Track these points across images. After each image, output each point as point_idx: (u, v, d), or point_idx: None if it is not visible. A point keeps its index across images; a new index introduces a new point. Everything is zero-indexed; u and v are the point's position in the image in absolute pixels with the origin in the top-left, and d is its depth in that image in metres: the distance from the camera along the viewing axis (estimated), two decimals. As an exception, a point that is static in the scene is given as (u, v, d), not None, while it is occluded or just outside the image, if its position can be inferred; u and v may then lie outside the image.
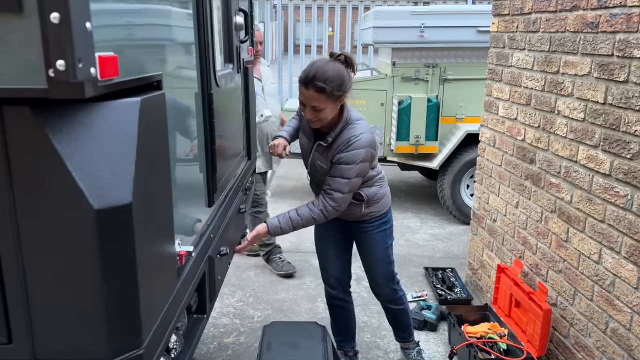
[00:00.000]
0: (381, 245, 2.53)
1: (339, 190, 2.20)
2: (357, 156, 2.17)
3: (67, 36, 0.77)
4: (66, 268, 0.95)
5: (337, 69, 2.12)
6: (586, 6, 2.30)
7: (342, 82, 2.10)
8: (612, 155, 2.14)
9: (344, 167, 2.18)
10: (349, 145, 2.17)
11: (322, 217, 2.23)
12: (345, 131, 2.21)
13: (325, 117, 2.16)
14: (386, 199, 2.50)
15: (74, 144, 0.92)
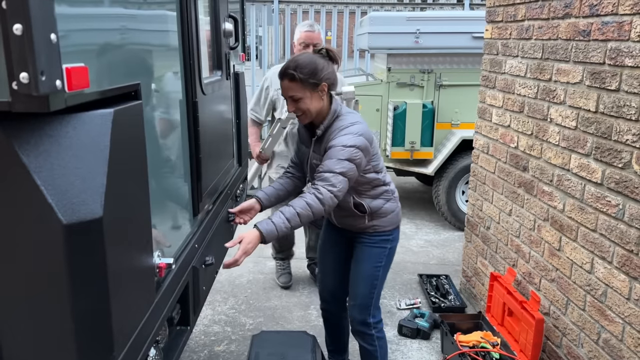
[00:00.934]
0: (371, 262, 2.33)
1: (329, 170, 2.02)
2: (347, 140, 2.06)
3: (29, 48, 0.74)
4: (34, 283, 0.92)
5: (309, 58, 2.09)
6: (578, 14, 2.28)
7: (314, 69, 2.06)
8: (603, 164, 2.12)
9: (333, 149, 2.05)
10: (340, 132, 2.10)
11: (316, 201, 1.97)
12: (335, 122, 2.15)
13: (305, 108, 2.09)
14: (394, 216, 2.34)
15: (42, 156, 0.89)
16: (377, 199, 2.29)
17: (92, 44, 1.02)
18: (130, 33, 1.23)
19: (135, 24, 1.27)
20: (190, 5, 1.61)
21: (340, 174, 2.02)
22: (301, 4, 7.47)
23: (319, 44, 3.22)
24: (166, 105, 1.50)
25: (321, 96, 2.11)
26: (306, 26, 3.30)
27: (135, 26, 1.27)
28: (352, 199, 2.25)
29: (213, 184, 1.95)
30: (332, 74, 2.13)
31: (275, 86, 3.39)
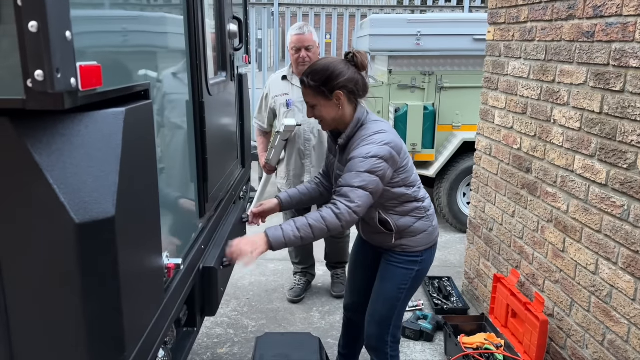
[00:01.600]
0: (395, 283, 2.17)
1: (348, 185, 1.89)
2: (369, 150, 1.92)
3: (45, 45, 0.74)
4: (46, 283, 0.92)
5: (326, 64, 1.98)
6: (582, 15, 2.29)
7: (328, 76, 1.95)
8: (608, 165, 2.12)
9: (354, 161, 1.92)
10: (361, 141, 1.97)
11: (332, 216, 1.85)
12: (359, 132, 2.01)
13: (320, 115, 2.02)
14: (425, 237, 2.16)
15: (54, 155, 0.89)
16: (406, 216, 2.11)
17: (104, 43, 1.02)
18: (140, 34, 1.23)
19: (145, 26, 1.27)
20: (197, 7, 1.61)
21: (359, 187, 1.88)
22: (301, 7, 7.49)
23: (311, 46, 3.18)
24: (173, 106, 1.50)
25: (337, 104, 1.99)
26: (296, 29, 3.24)
27: (145, 27, 1.26)
28: (377, 215, 2.10)
29: (218, 185, 1.94)
30: (352, 82, 1.99)
31: (274, 93, 3.37)
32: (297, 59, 3.23)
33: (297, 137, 3.28)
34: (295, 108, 3.26)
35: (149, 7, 1.32)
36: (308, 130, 3.27)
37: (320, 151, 3.29)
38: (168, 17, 1.44)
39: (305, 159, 3.32)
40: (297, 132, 3.27)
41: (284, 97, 3.31)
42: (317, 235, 1.87)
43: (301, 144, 3.29)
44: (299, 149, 3.31)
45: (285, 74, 3.38)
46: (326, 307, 3.48)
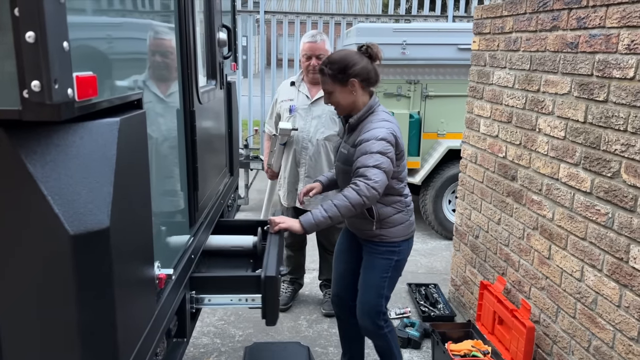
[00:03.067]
0: (378, 273, 2.36)
1: (363, 165, 2.10)
2: (377, 133, 2.14)
3: (42, 56, 0.73)
4: (40, 295, 0.91)
5: (343, 54, 2.21)
6: (566, 26, 2.34)
7: (344, 65, 2.17)
8: (592, 174, 2.16)
9: (366, 144, 2.13)
10: (372, 125, 2.19)
11: (353, 194, 2.06)
12: (369, 116, 2.24)
13: (336, 101, 2.24)
14: (401, 228, 2.34)
15: (48, 166, 0.88)
16: (389, 206, 2.30)
17: (99, 53, 1.01)
18: (132, 43, 1.23)
19: (137, 34, 1.26)
20: (187, 16, 1.60)
21: (374, 166, 2.09)
22: (287, 15, 7.51)
23: (322, 55, 3.15)
24: (164, 114, 1.49)
25: (352, 91, 2.20)
26: (309, 37, 3.22)
27: (138, 36, 1.26)
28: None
29: (208, 194, 1.93)
30: (365, 71, 2.20)
31: (281, 98, 3.36)
32: (307, 67, 3.22)
33: (295, 144, 3.26)
34: (297, 114, 3.25)
35: (140, 15, 1.32)
36: (306, 138, 3.23)
37: (317, 161, 3.25)
38: (160, 27, 1.44)
39: (300, 167, 3.29)
40: (294, 138, 3.25)
41: (289, 102, 3.30)
42: (344, 213, 2.08)
43: (298, 151, 3.27)
44: (295, 157, 3.29)
45: (294, 80, 3.38)
46: (313, 316, 3.47)
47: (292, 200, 3.36)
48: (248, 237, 2.17)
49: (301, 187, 3.29)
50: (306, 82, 3.31)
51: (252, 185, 5.88)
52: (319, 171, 3.23)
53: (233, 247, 2.14)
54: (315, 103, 3.25)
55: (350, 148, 2.22)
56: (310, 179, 3.26)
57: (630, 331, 1.95)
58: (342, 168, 2.31)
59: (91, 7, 0.99)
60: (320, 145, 3.23)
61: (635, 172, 1.92)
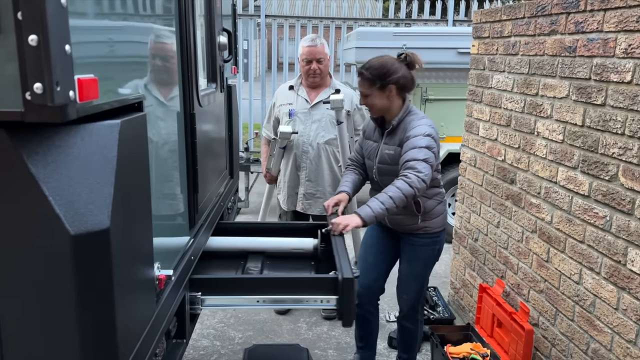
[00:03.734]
0: (423, 263, 2.57)
1: (413, 159, 2.25)
2: (423, 130, 2.32)
3: (45, 58, 0.75)
4: (40, 295, 0.92)
5: (382, 61, 2.36)
6: (564, 30, 2.35)
7: (384, 72, 2.32)
8: (590, 177, 2.17)
9: (414, 139, 2.29)
10: (414, 124, 2.35)
11: (406, 186, 2.19)
12: (408, 117, 2.40)
13: (372, 104, 2.38)
14: (442, 218, 2.56)
15: (50, 167, 0.89)
16: (431, 199, 2.47)
17: (100, 56, 1.03)
18: (133, 46, 1.24)
19: (138, 37, 1.28)
20: (188, 19, 1.62)
21: (423, 160, 2.25)
22: (287, 19, 7.54)
23: (322, 58, 3.17)
24: (165, 117, 1.50)
25: (388, 96, 2.35)
26: (308, 41, 3.22)
27: (139, 39, 1.27)
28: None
29: (208, 196, 1.94)
30: (403, 78, 2.35)
31: (279, 102, 3.35)
32: (307, 71, 3.21)
33: (295, 148, 3.25)
34: (297, 118, 3.24)
35: (141, 18, 1.33)
36: (307, 142, 3.23)
37: (317, 165, 3.24)
38: (161, 30, 1.45)
39: (300, 171, 3.28)
40: (295, 142, 3.24)
41: (288, 106, 3.28)
42: (398, 203, 2.20)
43: (298, 155, 3.26)
44: (295, 161, 3.28)
45: (292, 84, 3.36)
46: (313, 318, 3.47)
47: (292, 204, 3.36)
48: (308, 239, 2.19)
49: (302, 190, 3.28)
50: (305, 85, 3.30)
51: (252, 188, 5.89)
52: (320, 175, 3.24)
53: (294, 250, 2.16)
54: (314, 107, 3.24)
55: (397, 148, 2.37)
56: (311, 183, 3.26)
57: (628, 334, 1.96)
58: (389, 168, 2.42)
59: (93, 11, 1.00)
60: (320, 149, 3.23)
61: (632, 175, 1.93)
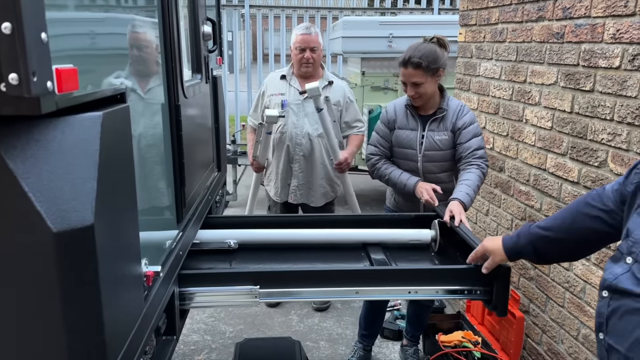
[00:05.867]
0: None
1: (480, 147, 2.40)
2: (473, 116, 2.47)
3: (20, 47, 0.71)
4: (23, 295, 0.88)
5: (429, 47, 2.40)
6: (551, 17, 2.34)
7: (435, 57, 2.38)
8: (579, 163, 2.17)
9: (472, 127, 2.43)
10: (464, 110, 2.47)
11: (483, 176, 2.38)
12: (452, 101, 2.50)
13: (424, 92, 2.40)
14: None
15: (29, 162, 0.85)
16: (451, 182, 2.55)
17: (80, 46, 0.99)
18: (115, 36, 1.20)
19: (120, 27, 1.23)
20: (171, 9, 1.57)
21: (484, 148, 2.44)
22: (272, 9, 7.46)
23: (316, 47, 3.12)
24: (148, 109, 1.46)
25: (437, 80, 2.44)
26: (302, 29, 3.15)
27: (120, 29, 1.23)
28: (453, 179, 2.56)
29: (195, 189, 1.91)
30: (446, 60, 2.44)
31: (270, 92, 3.27)
32: (300, 59, 3.14)
33: (288, 140, 3.19)
34: (289, 109, 3.17)
35: (123, 7, 1.29)
36: (300, 134, 3.17)
37: (310, 158, 3.20)
38: (143, 19, 1.41)
39: (293, 163, 3.23)
40: (287, 134, 3.17)
41: (280, 97, 3.21)
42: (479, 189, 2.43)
43: (291, 147, 3.20)
44: (288, 152, 3.22)
45: (284, 73, 3.28)
46: (304, 310, 3.46)
47: (285, 195, 3.32)
48: (424, 230, 2.16)
49: (295, 182, 3.24)
50: (297, 75, 3.23)
51: (240, 181, 5.84)
52: (313, 167, 3.20)
53: (411, 241, 2.14)
54: (307, 99, 3.18)
55: (449, 133, 2.45)
56: (304, 174, 3.22)
57: (619, 319, 1.97)
58: (440, 154, 2.48)
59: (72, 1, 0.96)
60: (313, 141, 3.18)
61: (621, 161, 1.93)
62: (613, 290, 1.14)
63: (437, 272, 1.85)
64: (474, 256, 1.75)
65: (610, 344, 1.14)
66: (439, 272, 1.86)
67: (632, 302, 1.09)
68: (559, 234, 1.45)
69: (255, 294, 1.70)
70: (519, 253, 1.59)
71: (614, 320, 1.13)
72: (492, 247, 1.66)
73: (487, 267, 1.69)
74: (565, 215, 1.46)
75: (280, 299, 2.91)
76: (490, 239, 1.71)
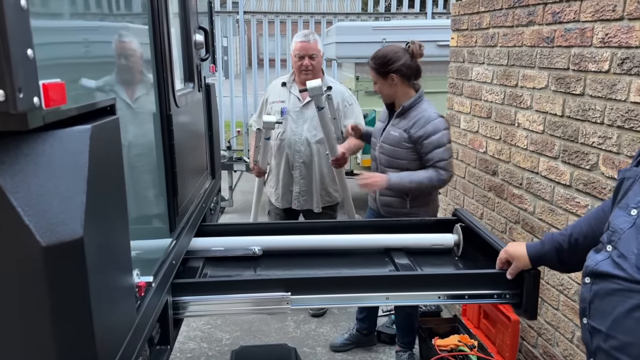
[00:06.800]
0: None
1: (441, 158, 2.49)
2: (440, 125, 2.51)
3: (5, 64, 0.71)
4: (12, 309, 0.88)
5: (386, 51, 2.55)
6: (541, 21, 2.36)
7: (385, 61, 2.52)
8: (571, 166, 2.18)
9: (434, 138, 2.49)
10: (426, 118, 2.52)
11: (435, 181, 2.50)
12: (419, 104, 2.58)
13: (379, 91, 2.62)
14: (433, 205, 2.73)
15: (18, 176, 0.85)
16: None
17: (67, 59, 0.99)
18: (103, 47, 1.20)
19: (109, 38, 1.24)
20: (162, 18, 1.58)
21: (449, 157, 2.53)
22: (267, 15, 7.49)
23: (315, 55, 3.11)
24: (140, 119, 1.47)
25: (391, 84, 2.55)
26: (301, 36, 3.16)
27: (109, 40, 1.23)
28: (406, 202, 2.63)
29: (189, 198, 1.91)
30: (404, 67, 2.53)
31: (271, 99, 3.29)
32: (299, 67, 3.14)
33: (287, 147, 3.19)
34: (289, 117, 3.18)
35: (112, 17, 1.29)
36: (299, 141, 3.17)
37: (311, 163, 3.19)
38: (131, 27, 1.42)
39: (294, 170, 3.22)
40: (287, 141, 3.17)
41: (280, 104, 3.21)
42: (424, 189, 2.55)
43: (290, 154, 3.20)
44: (287, 159, 3.22)
45: (285, 80, 3.29)
46: (300, 316, 3.46)
47: (287, 201, 3.32)
48: (447, 235, 2.17)
49: (297, 189, 3.24)
50: (297, 82, 3.23)
51: (236, 187, 5.84)
52: (313, 173, 3.20)
53: (434, 246, 2.15)
54: (306, 105, 3.17)
55: (402, 132, 2.55)
56: (305, 181, 3.22)
57: (612, 321, 1.98)
58: (391, 150, 2.61)
59: (57, 12, 0.97)
60: (312, 148, 3.18)
61: (612, 164, 1.94)
62: (594, 275, 1.21)
63: (467, 277, 1.86)
64: (498, 262, 1.78)
65: (593, 326, 1.20)
66: (469, 276, 1.87)
67: (611, 283, 1.16)
68: (579, 238, 1.50)
69: (287, 300, 1.70)
70: (541, 259, 1.63)
71: (595, 304, 1.20)
72: (515, 252, 1.69)
73: (511, 272, 1.72)
74: (583, 221, 1.52)
75: (311, 305, 2.90)
76: (514, 244, 1.74)
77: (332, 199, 3.34)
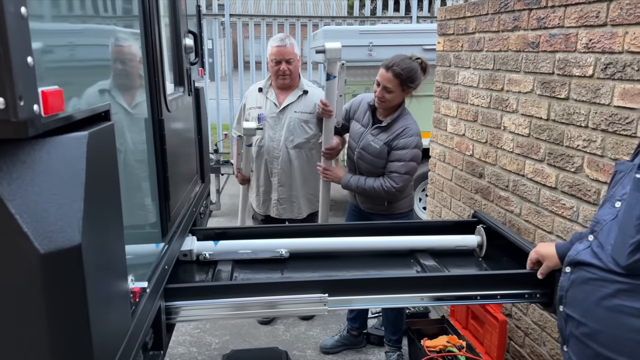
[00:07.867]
0: None
1: (396, 171, 2.62)
2: (412, 142, 2.63)
3: (6, 73, 0.71)
4: (10, 316, 0.88)
5: (414, 66, 2.62)
6: (526, 26, 2.40)
7: (415, 76, 2.61)
8: (557, 169, 2.23)
9: (400, 152, 2.62)
10: (405, 132, 2.64)
11: (381, 191, 2.65)
12: (402, 118, 2.68)
13: (390, 99, 2.63)
14: (409, 200, 2.87)
15: (15, 184, 0.85)
16: None
17: (65, 66, 0.99)
18: (97, 54, 1.20)
19: (103, 44, 1.24)
20: (153, 23, 1.58)
21: (405, 173, 2.64)
22: (252, 17, 7.48)
23: (292, 59, 3.09)
24: (132, 125, 1.47)
25: (402, 97, 2.67)
26: (277, 40, 3.12)
27: (103, 46, 1.23)
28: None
29: (180, 202, 1.91)
30: (420, 83, 2.67)
31: (249, 105, 3.26)
32: (276, 72, 3.11)
33: (266, 153, 3.17)
34: (266, 123, 3.15)
35: (106, 25, 1.29)
36: (277, 147, 3.15)
37: (289, 169, 3.17)
38: (125, 34, 1.41)
39: (272, 177, 3.21)
40: (265, 148, 3.16)
41: (257, 110, 3.18)
42: (368, 195, 2.73)
43: (269, 161, 3.18)
44: (266, 166, 3.20)
45: (261, 86, 3.26)
46: (290, 319, 3.46)
47: (267, 208, 3.30)
48: (470, 236, 2.19)
49: (275, 196, 3.22)
50: (274, 87, 3.21)
51: (223, 190, 5.83)
52: (292, 179, 3.18)
53: (458, 247, 2.17)
54: (283, 111, 3.15)
55: (383, 145, 2.65)
56: (283, 188, 3.20)
57: (598, 320, 2.02)
58: (370, 159, 2.72)
59: (56, 20, 0.97)
60: (290, 154, 3.16)
61: (597, 167, 1.98)
62: (574, 264, 1.26)
63: (500, 277, 1.89)
64: (529, 262, 1.82)
65: (568, 313, 1.26)
66: (502, 276, 1.90)
67: (587, 272, 1.22)
68: None
69: (324, 301, 1.73)
70: None
71: (571, 292, 1.26)
72: (545, 252, 1.73)
73: (542, 272, 1.75)
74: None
75: (349, 307, 2.91)
76: (543, 244, 1.78)
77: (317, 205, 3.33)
